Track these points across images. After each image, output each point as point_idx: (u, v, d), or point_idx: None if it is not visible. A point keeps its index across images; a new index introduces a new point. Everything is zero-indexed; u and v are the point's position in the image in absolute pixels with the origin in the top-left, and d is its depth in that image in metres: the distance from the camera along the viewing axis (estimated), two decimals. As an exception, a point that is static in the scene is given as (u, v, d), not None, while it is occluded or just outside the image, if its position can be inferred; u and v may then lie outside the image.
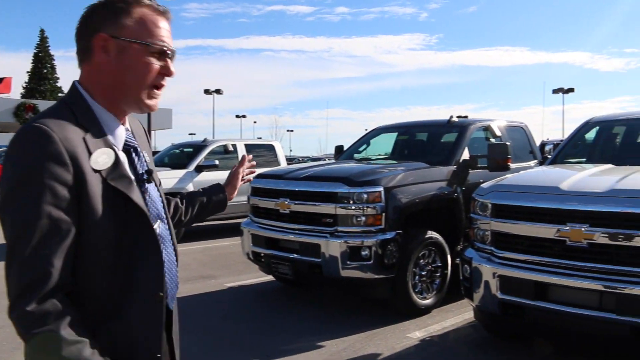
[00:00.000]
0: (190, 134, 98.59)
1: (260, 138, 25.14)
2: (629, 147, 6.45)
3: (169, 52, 1.61)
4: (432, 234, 6.28)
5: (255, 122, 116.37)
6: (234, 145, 12.66)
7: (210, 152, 12.14)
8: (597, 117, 6.96)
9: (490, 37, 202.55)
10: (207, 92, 63.49)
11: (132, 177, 1.58)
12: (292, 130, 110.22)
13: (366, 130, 9.04)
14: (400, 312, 6.11)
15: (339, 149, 9.05)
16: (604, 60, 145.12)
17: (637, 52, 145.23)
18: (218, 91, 63.50)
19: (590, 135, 6.86)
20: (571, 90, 59.54)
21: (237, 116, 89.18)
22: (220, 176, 11.90)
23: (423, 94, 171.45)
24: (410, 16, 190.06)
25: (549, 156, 6.82)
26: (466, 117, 8.56)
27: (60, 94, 62.55)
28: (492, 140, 7.45)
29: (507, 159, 6.50)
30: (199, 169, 11.62)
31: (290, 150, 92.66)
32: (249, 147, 12.90)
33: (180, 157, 12.98)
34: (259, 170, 8.60)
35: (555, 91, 59.58)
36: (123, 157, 1.60)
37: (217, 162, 11.81)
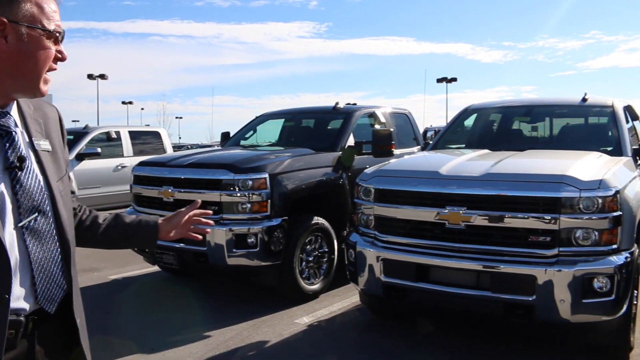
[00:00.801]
0: (73, 121, 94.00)
1: (148, 125, 24.31)
2: (504, 133, 6.76)
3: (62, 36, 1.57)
4: (318, 219, 6.31)
5: (142, 108, 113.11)
6: (118, 133, 12.12)
7: (92, 140, 11.57)
8: (475, 105, 7.23)
9: (378, 27, 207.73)
10: (90, 77, 61.18)
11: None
12: (181, 117, 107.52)
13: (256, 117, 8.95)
14: (288, 299, 6.10)
15: (225, 136, 8.89)
16: (484, 52, 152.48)
17: (514, 45, 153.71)
18: (102, 76, 61.33)
19: (469, 122, 7.12)
20: (454, 79, 62.06)
21: (124, 102, 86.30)
22: (103, 164, 11.52)
23: (312, 81, 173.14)
24: (300, 4, 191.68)
25: (431, 142, 7.02)
26: (355, 104, 8.66)
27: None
28: (377, 126, 7.58)
29: (391, 144, 6.64)
30: (80, 157, 11.07)
31: (180, 138, 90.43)
32: (134, 134, 12.45)
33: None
34: (143, 158, 8.37)
35: (439, 80, 61.86)
36: None
37: (99, 150, 11.31)
